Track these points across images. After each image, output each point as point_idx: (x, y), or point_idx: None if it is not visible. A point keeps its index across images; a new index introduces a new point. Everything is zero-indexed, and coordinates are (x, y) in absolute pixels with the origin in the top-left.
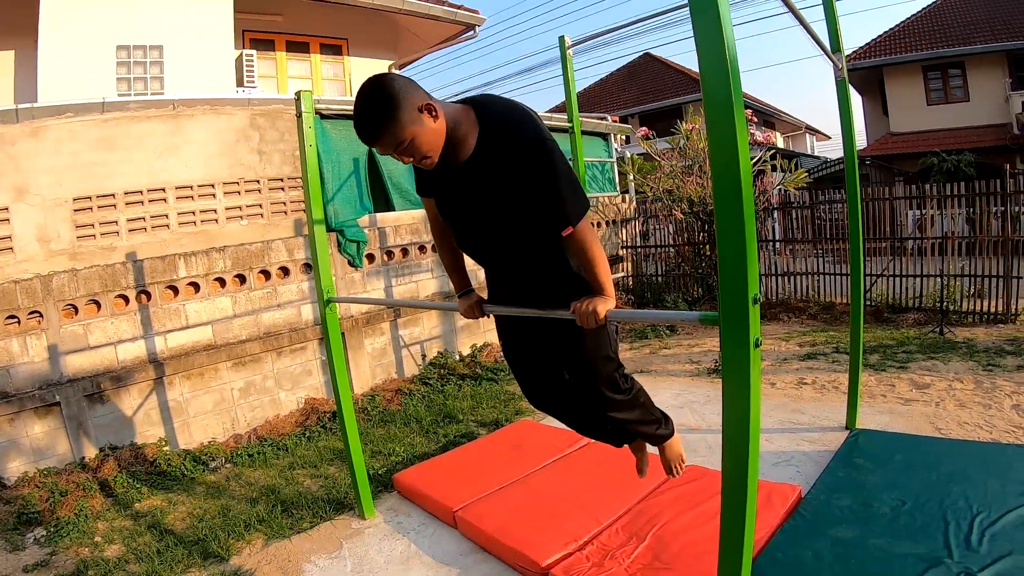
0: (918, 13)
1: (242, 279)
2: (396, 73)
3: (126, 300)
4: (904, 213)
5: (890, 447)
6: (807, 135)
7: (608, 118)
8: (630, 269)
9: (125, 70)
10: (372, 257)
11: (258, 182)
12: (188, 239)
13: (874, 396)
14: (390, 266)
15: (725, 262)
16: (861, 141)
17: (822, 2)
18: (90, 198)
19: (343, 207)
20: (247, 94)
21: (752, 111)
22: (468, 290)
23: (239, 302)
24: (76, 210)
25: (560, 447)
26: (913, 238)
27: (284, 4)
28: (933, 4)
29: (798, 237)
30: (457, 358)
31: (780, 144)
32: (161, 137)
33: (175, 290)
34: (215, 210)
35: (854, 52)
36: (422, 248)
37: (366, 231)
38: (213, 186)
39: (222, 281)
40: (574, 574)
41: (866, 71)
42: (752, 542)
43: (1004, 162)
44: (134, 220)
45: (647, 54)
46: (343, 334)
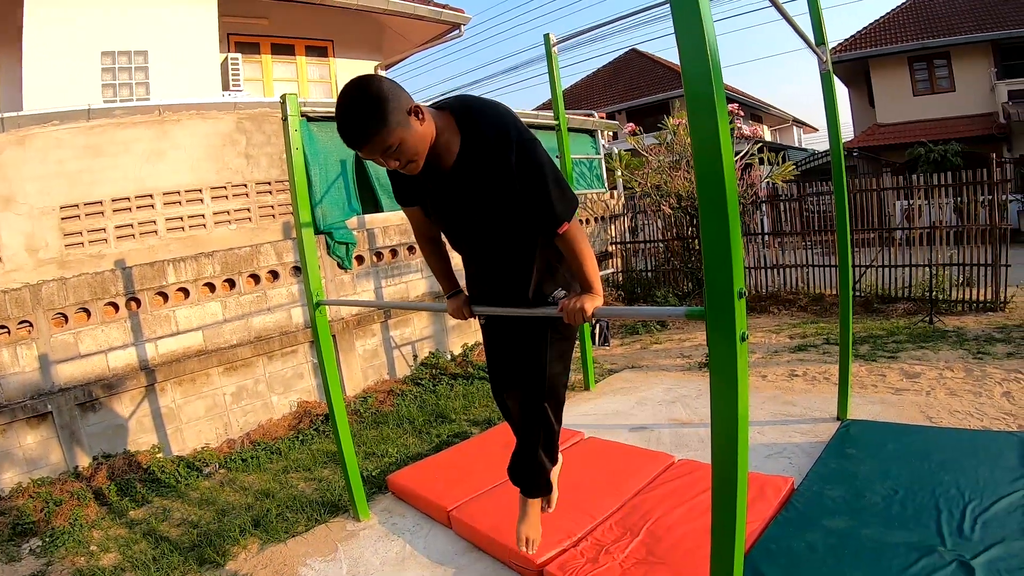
0: (903, 4)
1: (232, 284)
2: (381, 74)
3: (116, 307)
4: (892, 204)
5: (881, 437)
6: (794, 128)
7: (595, 115)
8: (620, 265)
9: (110, 76)
10: (361, 259)
11: (246, 186)
12: (177, 245)
13: (865, 386)
14: (380, 267)
15: (710, 257)
16: (848, 133)
17: None
18: (77, 206)
19: (331, 209)
20: (233, 98)
21: (738, 105)
22: (456, 291)
23: (229, 307)
24: (64, 218)
25: None
26: (901, 228)
27: (269, 7)
28: None
29: (786, 230)
30: (448, 358)
31: (767, 137)
32: (147, 143)
33: (165, 296)
34: (203, 215)
35: (839, 44)
36: (411, 249)
37: (355, 233)
38: (201, 191)
39: (211, 286)
40: (569, 570)
41: (852, 63)
42: (744, 535)
43: (991, 151)
44: (122, 227)
45: (633, 50)
46: (334, 336)
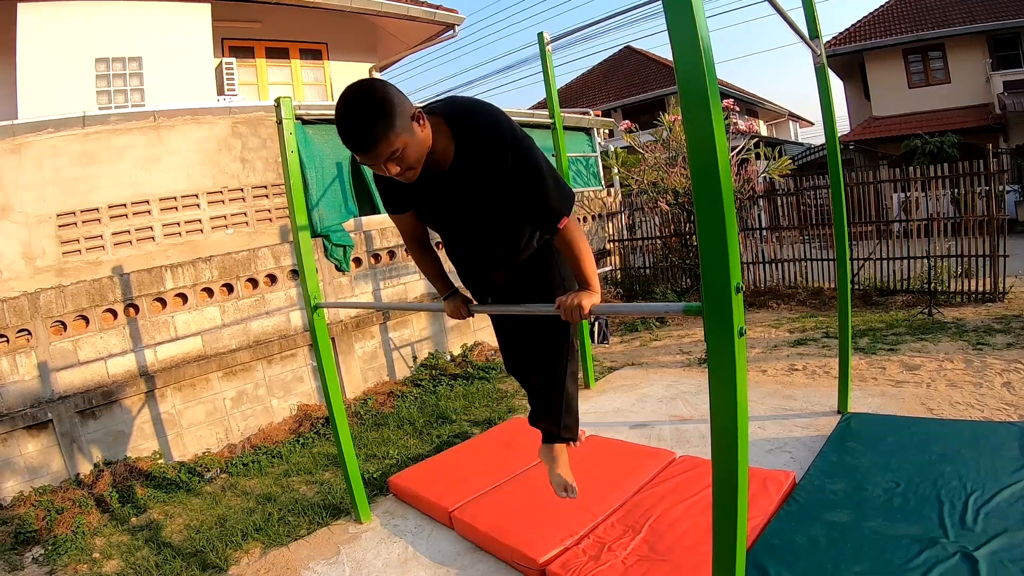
0: None
1: (230, 288)
2: (381, 78)
3: (114, 314)
4: (889, 196)
5: (882, 429)
6: (790, 122)
7: (591, 113)
8: (618, 262)
9: (105, 83)
10: (359, 261)
11: (242, 190)
12: (174, 250)
13: (865, 379)
14: (377, 269)
15: (706, 252)
16: (844, 126)
17: None
18: (74, 213)
19: (328, 212)
20: (228, 102)
21: (733, 100)
22: (452, 292)
23: (227, 311)
24: (61, 226)
25: None
26: (899, 221)
27: (262, 11)
28: None
29: (784, 224)
30: (448, 358)
31: (763, 132)
32: (143, 149)
33: (163, 302)
34: (200, 220)
35: (834, 38)
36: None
37: (352, 235)
38: (197, 196)
39: (210, 291)
40: (571, 569)
41: (847, 56)
42: (745, 530)
43: (987, 142)
44: (119, 233)
45: (628, 47)
46: (333, 339)
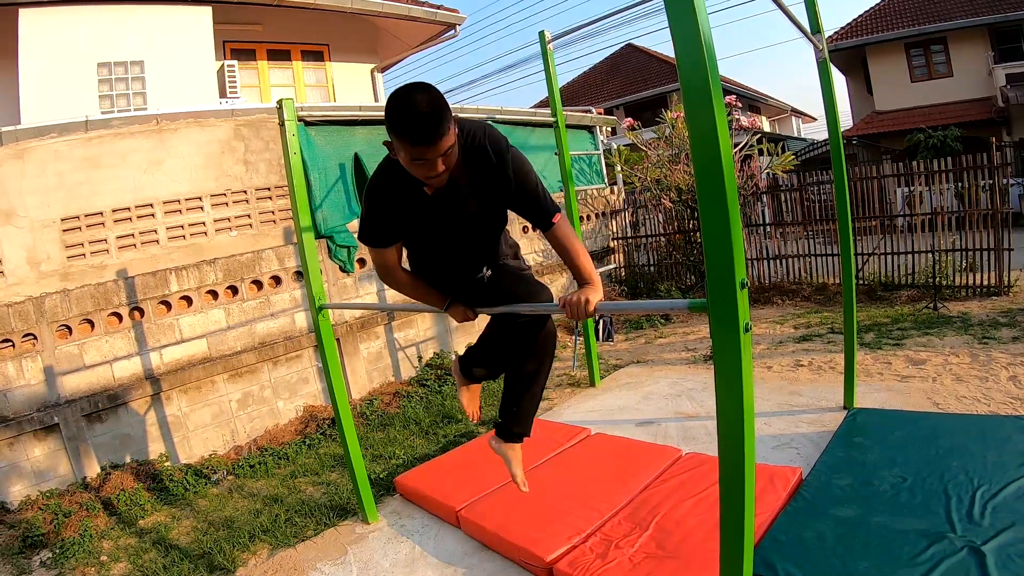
0: None
1: (234, 290)
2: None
3: (119, 318)
4: (893, 191)
5: (888, 424)
6: (793, 118)
7: (593, 111)
8: (622, 260)
9: (107, 87)
10: (363, 261)
11: (245, 192)
12: (178, 253)
13: (871, 375)
14: None
15: (711, 249)
16: (847, 121)
17: None
18: (78, 217)
19: (332, 213)
20: (230, 105)
21: (735, 96)
22: (452, 299)
23: (232, 313)
24: (65, 230)
25: (559, 441)
26: (903, 215)
27: (263, 13)
28: None
29: (788, 220)
30: (453, 358)
31: (766, 128)
32: (146, 153)
33: (168, 305)
34: (204, 223)
35: (836, 32)
36: None
37: (356, 236)
38: (200, 199)
39: (214, 293)
40: (579, 566)
41: (849, 51)
42: (753, 527)
43: (990, 135)
44: (123, 237)
45: (630, 45)
46: (338, 340)
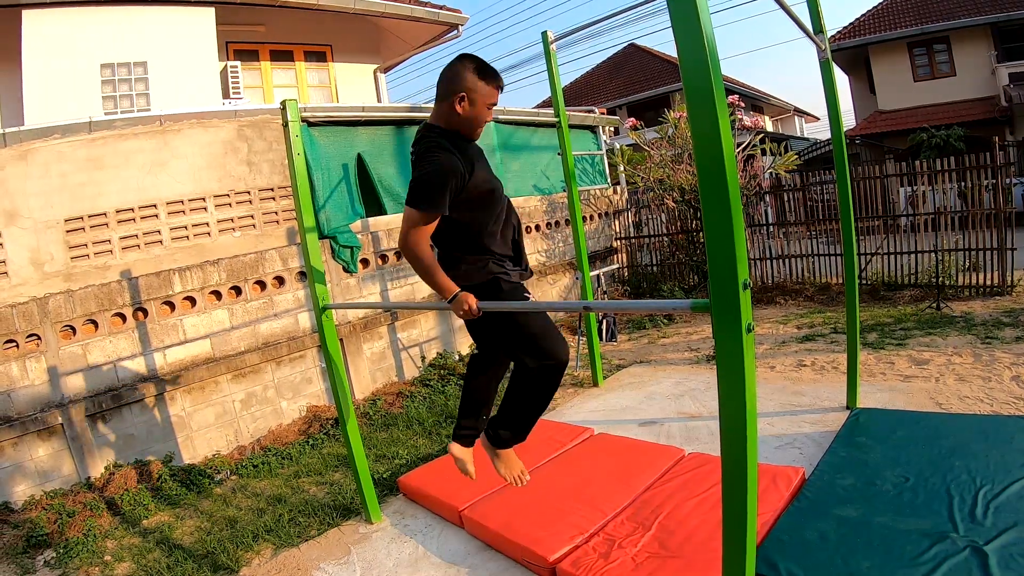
0: None
1: (238, 291)
2: None
3: (123, 318)
4: (896, 190)
5: (891, 424)
6: (796, 117)
7: (595, 111)
8: (625, 260)
9: (110, 88)
10: (366, 262)
11: (249, 193)
12: (182, 254)
13: (874, 374)
14: (385, 270)
15: (713, 249)
16: (849, 120)
17: None
18: (82, 218)
19: (335, 213)
20: (233, 106)
21: (738, 96)
22: (458, 292)
23: (236, 314)
24: (68, 231)
25: (562, 441)
26: (906, 215)
27: (266, 14)
28: None
29: (791, 220)
30: (456, 358)
31: (769, 128)
32: (149, 153)
33: (171, 305)
34: (207, 223)
35: (838, 32)
36: None
37: (359, 236)
38: (204, 199)
39: (218, 294)
40: (582, 566)
41: (851, 50)
42: (755, 526)
43: (993, 134)
44: (127, 238)
45: (632, 44)
46: (341, 340)
